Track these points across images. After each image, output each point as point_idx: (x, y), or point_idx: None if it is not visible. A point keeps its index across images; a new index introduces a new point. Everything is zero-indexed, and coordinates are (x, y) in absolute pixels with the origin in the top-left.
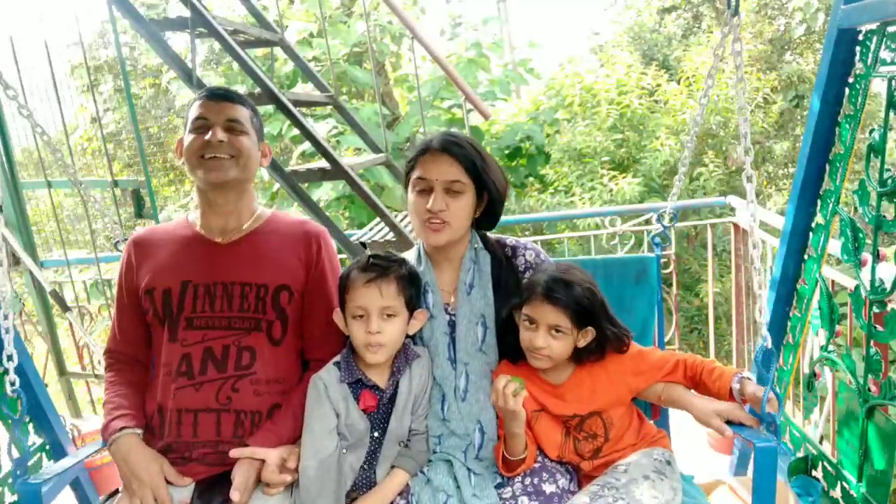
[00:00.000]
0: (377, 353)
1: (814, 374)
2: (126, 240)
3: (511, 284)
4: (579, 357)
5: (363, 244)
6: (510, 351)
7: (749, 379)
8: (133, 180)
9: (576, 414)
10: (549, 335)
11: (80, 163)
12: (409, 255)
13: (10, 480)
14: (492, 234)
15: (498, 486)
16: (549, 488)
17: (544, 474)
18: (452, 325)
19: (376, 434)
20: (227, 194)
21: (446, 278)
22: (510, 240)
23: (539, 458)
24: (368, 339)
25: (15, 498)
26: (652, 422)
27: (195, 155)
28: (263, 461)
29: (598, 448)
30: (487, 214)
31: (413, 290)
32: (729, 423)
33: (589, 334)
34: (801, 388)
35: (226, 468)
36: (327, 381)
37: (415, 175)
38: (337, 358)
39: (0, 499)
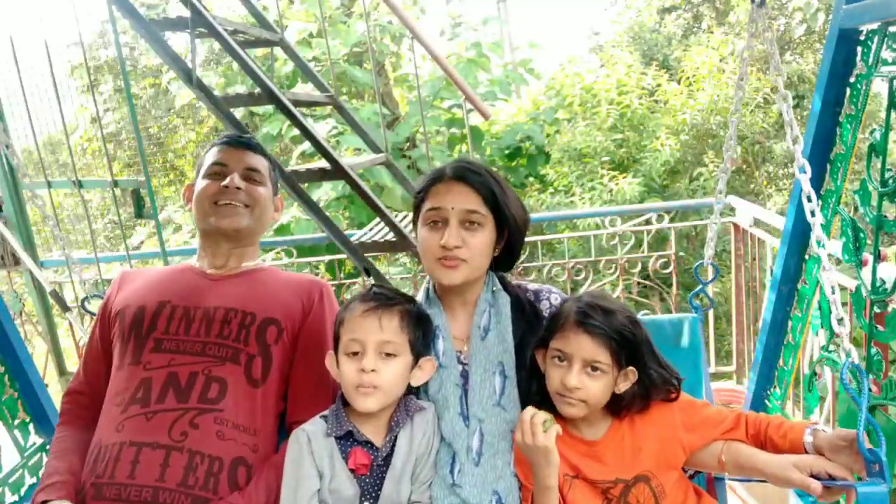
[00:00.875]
0: (369, 396)
1: (814, 375)
2: (97, 296)
3: (535, 330)
4: (618, 407)
5: (367, 271)
6: (529, 396)
7: (824, 430)
8: (133, 180)
9: (618, 479)
10: (584, 373)
11: (80, 163)
12: (417, 298)
13: (10, 480)
14: (511, 279)
15: None
16: None
17: None
18: (465, 375)
19: (367, 503)
20: (234, 242)
21: (459, 324)
22: (532, 285)
23: None
24: (361, 379)
25: (15, 498)
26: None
27: (209, 200)
28: None
29: None
30: (505, 252)
31: (419, 333)
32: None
33: (630, 377)
34: (802, 388)
35: None
36: (311, 433)
37: (426, 207)
38: (325, 411)
39: (0, 499)
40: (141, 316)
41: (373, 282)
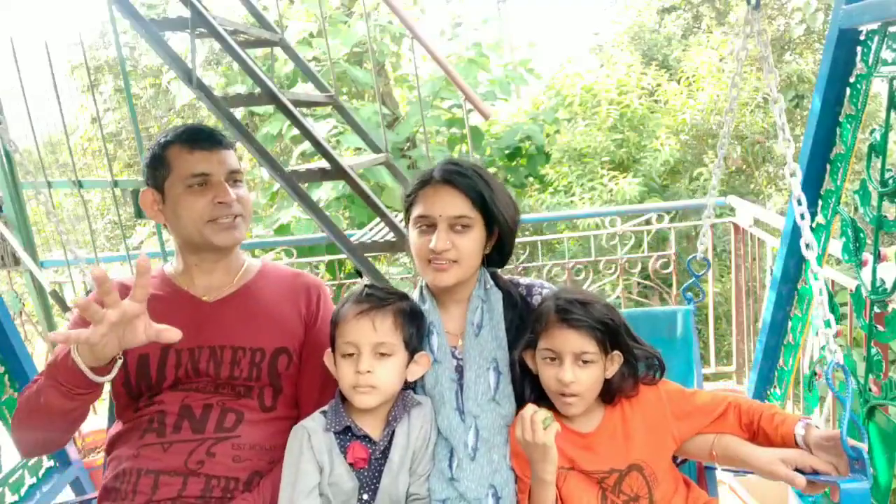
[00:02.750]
0: (366, 395)
1: (814, 375)
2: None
3: (527, 325)
4: (610, 392)
5: (359, 272)
6: (524, 397)
7: (816, 426)
8: (133, 180)
9: (612, 469)
10: (575, 366)
11: (80, 163)
12: (414, 295)
13: (10, 480)
14: (503, 274)
15: None
16: None
17: None
18: (460, 371)
19: (365, 497)
20: (222, 253)
21: (453, 320)
22: (523, 280)
23: None
24: (357, 380)
25: (15, 498)
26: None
27: (201, 219)
28: None
29: None
30: (497, 250)
31: (413, 329)
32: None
33: (616, 360)
34: (801, 388)
35: None
36: (311, 429)
37: (415, 212)
38: (325, 407)
39: (0, 499)
40: (146, 367)
41: (365, 282)
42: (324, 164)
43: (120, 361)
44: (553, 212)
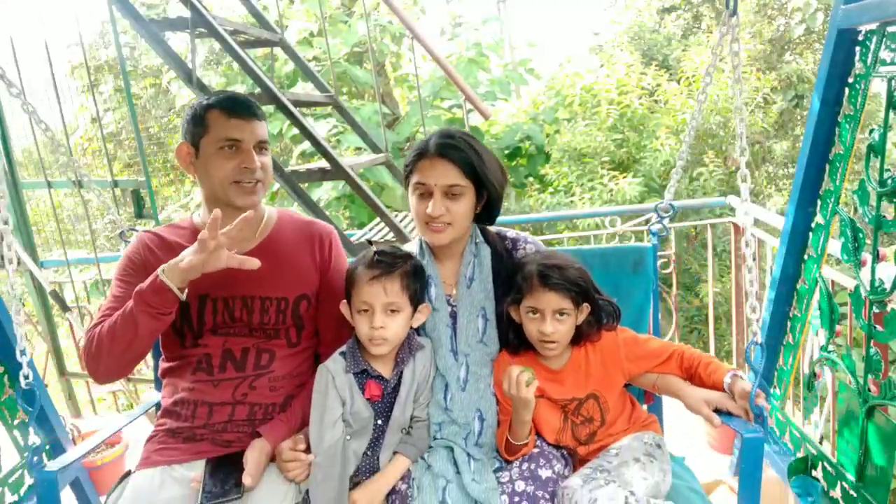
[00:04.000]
0: (380, 346)
1: (814, 375)
2: (133, 230)
3: (511, 277)
4: (579, 335)
5: (369, 241)
6: (509, 342)
7: (741, 377)
8: (133, 180)
9: (574, 397)
10: (555, 320)
11: (80, 163)
12: (411, 248)
13: (10, 480)
14: (492, 227)
15: (496, 471)
16: (545, 473)
17: (541, 460)
18: (454, 316)
19: (380, 422)
20: (243, 211)
21: (448, 271)
22: (510, 233)
23: (537, 444)
24: (372, 334)
25: (15, 498)
26: (645, 407)
27: (227, 180)
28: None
29: (594, 432)
30: (487, 209)
31: (417, 286)
32: (719, 413)
33: (585, 311)
34: (801, 388)
35: (237, 449)
36: (334, 370)
37: (413, 179)
38: (343, 348)
39: (0, 499)
40: (187, 314)
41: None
42: (324, 163)
43: (186, 291)
44: (553, 212)
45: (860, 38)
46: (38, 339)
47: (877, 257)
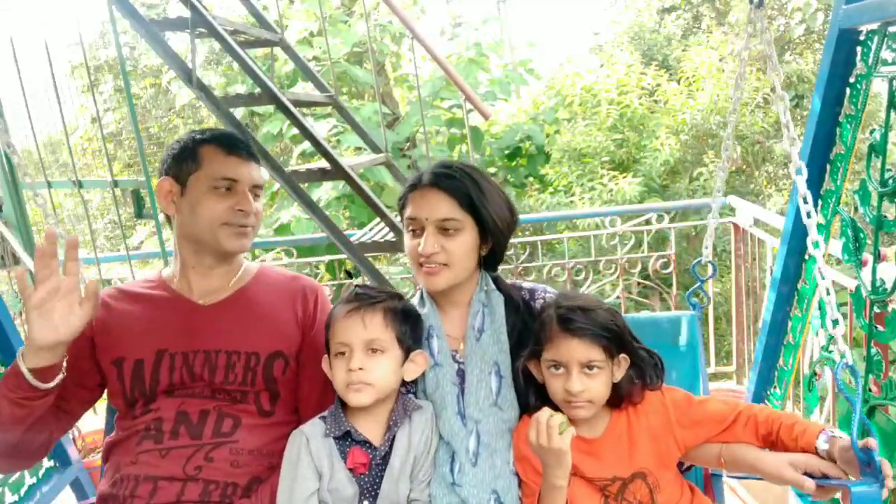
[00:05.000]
0: (360, 393)
1: (814, 375)
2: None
3: (530, 330)
4: (618, 396)
5: (349, 274)
6: (530, 406)
7: (839, 437)
8: (133, 180)
9: (616, 477)
10: (583, 375)
11: (80, 163)
12: (412, 301)
13: (10, 480)
14: (506, 280)
15: None
16: None
17: None
18: (462, 375)
19: (366, 502)
20: (223, 258)
21: (454, 324)
22: (526, 283)
23: None
24: (349, 377)
25: (15, 498)
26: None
27: (218, 221)
28: None
29: None
30: (490, 251)
31: (406, 328)
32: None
33: (623, 364)
34: (802, 388)
35: None
36: (310, 434)
37: (405, 214)
38: (324, 412)
39: (0, 499)
40: (141, 372)
41: (356, 283)
42: (324, 164)
43: (61, 376)
44: (553, 212)
45: (861, 37)
46: None
47: (878, 257)
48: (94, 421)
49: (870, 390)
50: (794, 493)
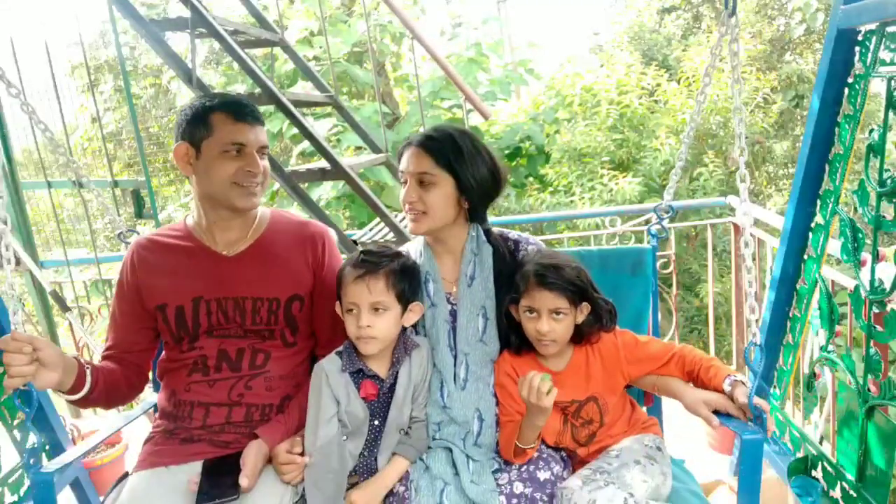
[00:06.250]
0: (368, 345)
1: (814, 375)
2: (132, 231)
3: (513, 277)
4: (580, 335)
5: (355, 241)
6: (510, 342)
7: (742, 383)
8: (133, 180)
9: (574, 400)
10: (551, 319)
11: (80, 163)
12: (414, 245)
13: (10, 480)
14: (495, 229)
15: (494, 472)
16: (543, 475)
17: (540, 462)
18: (454, 314)
19: (376, 422)
20: (239, 213)
21: (448, 269)
22: (513, 234)
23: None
24: (359, 333)
25: (15, 498)
26: (644, 409)
27: (228, 181)
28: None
29: (594, 433)
30: (475, 206)
31: (405, 284)
32: (718, 414)
33: (585, 310)
34: (801, 388)
35: (234, 450)
36: (329, 370)
37: (399, 169)
38: (340, 348)
39: (0, 499)
40: (182, 317)
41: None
42: (324, 163)
43: (88, 383)
44: (553, 212)
45: (860, 38)
46: None
47: (876, 257)
48: (94, 421)
49: (869, 390)
50: (795, 493)
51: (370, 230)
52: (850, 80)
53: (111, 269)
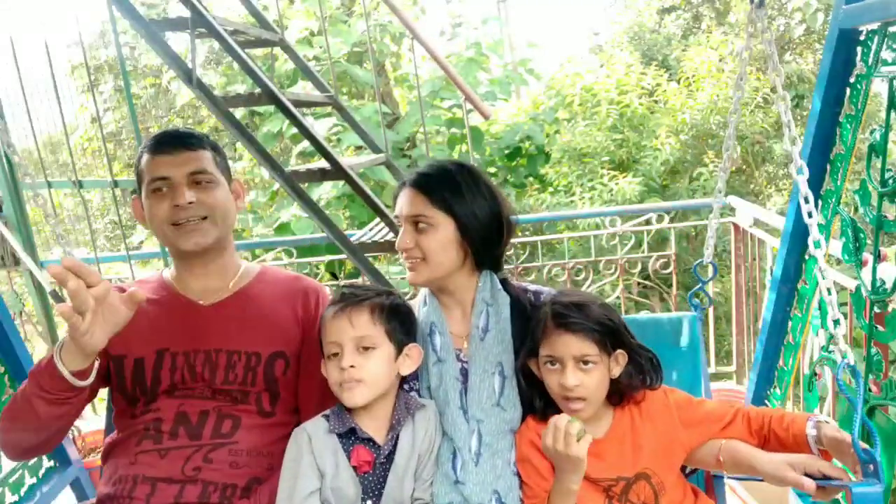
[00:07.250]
0: (354, 391)
1: (814, 375)
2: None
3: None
4: (618, 393)
5: (335, 275)
6: (534, 407)
7: (826, 422)
8: (133, 180)
9: (620, 476)
10: (577, 370)
11: (80, 163)
12: (418, 299)
13: (10, 480)
14: (513, 281)
15: None
16: None
17: None
18: (465, 374)
19: (369, 502)
20: (207, 257)
21: (457, 323)
22: (531, 286)
23: None
24: (342, 377)
25: (15, 498)
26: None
27: (165, 223)
28: None
29: None
30: (480, 251)
31: (396, 324)
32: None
33: (620, 360)
34: (801, 388)
35: None
36: (312, 432)
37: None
38: (327, 411)
39: (0, 499)
40: (141, 371)
41: (343, 283)
42: (324, 163)
43: (97, 363)
44: (553, 212)
45: (861, 37)
46: (38, 340)
47: (878, 257)
48: (94, 421)
49: (870, 390)
50: (794, 493)
51: (370, 230)
52: (851, 80)
53: (111, 268)
